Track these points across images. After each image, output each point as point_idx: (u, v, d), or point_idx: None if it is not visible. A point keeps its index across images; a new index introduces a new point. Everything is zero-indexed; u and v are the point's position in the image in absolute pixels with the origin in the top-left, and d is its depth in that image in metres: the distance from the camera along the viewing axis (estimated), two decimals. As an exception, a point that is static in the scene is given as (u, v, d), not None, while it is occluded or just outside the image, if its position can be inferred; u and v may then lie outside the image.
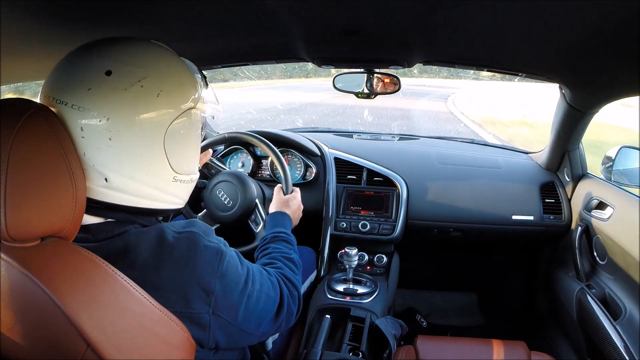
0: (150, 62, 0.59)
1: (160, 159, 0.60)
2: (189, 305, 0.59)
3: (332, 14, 0.78)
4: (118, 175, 0.58)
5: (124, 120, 0.56)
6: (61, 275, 0.48)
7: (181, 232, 0.61)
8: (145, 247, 0.58)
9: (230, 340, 0.66)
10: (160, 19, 0.80)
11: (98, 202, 0.58)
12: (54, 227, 0.50)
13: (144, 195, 0.61)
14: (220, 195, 1.18)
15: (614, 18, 0.65)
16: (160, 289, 0.57)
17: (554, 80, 1.14)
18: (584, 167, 1.39)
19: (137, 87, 0.56)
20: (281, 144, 1.48)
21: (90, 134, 0.55)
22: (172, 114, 0.60)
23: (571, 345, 1.37)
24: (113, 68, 0.56)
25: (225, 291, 0.63)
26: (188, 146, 0.65)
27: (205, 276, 0.60)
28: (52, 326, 0.46)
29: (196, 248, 0.61)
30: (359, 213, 1.46)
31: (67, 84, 0.56)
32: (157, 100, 0.58)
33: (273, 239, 0.92)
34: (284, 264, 0.84)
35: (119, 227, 0.60)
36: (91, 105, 0.54)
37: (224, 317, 0.63)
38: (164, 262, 0.58)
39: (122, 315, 0.50)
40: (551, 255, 1.56)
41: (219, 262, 0.62)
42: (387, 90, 1.28)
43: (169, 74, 0.60)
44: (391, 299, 1.45)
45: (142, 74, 0.57)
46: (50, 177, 0.50)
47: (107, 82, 0.55)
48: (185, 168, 0.65)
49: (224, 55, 1.24)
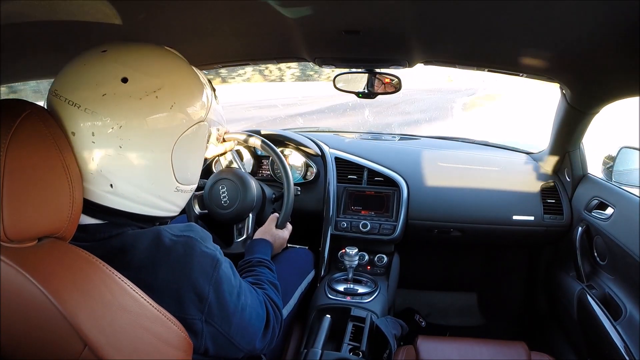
0: (166, 72, 0.59)
1: (166, 169, 0.61)
2: (182, 310, 0.59)
3: (332, 14, 0.78)
4: (124, 183, 0.58)
5: (136, 128, 0.56)
6: (58, 276, 0.48)
7: (179, 236, 0.62)
8: (142, 248, 0.59)
9: (219, 351, 0.67)
10: (160, 20, 0.80)
11: (100, 206, 0.59)
12: (51, 228, 0.50)
13: (146, 203, 0.61)
14: (221, 191, 1.18)
15: (614, 18, 0.65)
16: (155, 290, 0.57)
17: (555, 80, 1.14)
18: (585, 168, 1.39)
19: (152, 97, 0.56)
20: (282, 144, 1.48)
21: (101, 139, 0.55)
22: (183, 126, 0.61)
23: (571, 345, 1.37)
24: (129, 76, 0.56)
25: (219, 299, 0.63)
26: (194, 158, 0.66)
27: (200, 281, 0.61)
28: (50, 326, 0.46)
29: (193, 253, 0.61)
30: (359, 213, 1.46)
31: (81, 86, 0.56)
32: (171, 111, 0.58)
33: (258, 263, 0.94)
34: (269, 287, 0.85)
35: (116, 229, 0.60)
36: (105, 111, 0.55)
37: (217, 327, 0.64)
38: (160, 264, 0.59)
39: (119, 314, 0.50)
40: (551, 256, 1.56)
41: (214, 270, 0.62)
42: (388, 90, 1.28)
43: (182, 86, 0.61)
44: (391, 298, 1.46)
45: (158, 84, 0.57)
46: (47, 178, 0.50)
47: (123, 89, 0.55)
48: (188, 179, 0.66)
49: (224, 55, 1.24)
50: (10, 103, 0.50)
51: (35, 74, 1.04)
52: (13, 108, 0.49)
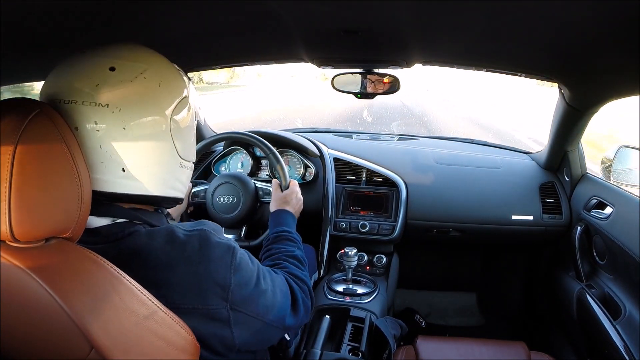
0: (147, 58, 0.64)
1: (168, 144, 0.64)
2: (205, 302, 0.60)
3: (331, 15, 0.78)
4: (135, 163, 0.61)
5: (135, 108, 0.59)
6: (65, 277, 0.47)
7: (192, 231, 0.63)
8: (156, 246, 0.59)
9: (258, 337, 0.68)
10: (160, 20, 0.80)
11: (114, 195, 0.60)
12: (59, 228, 0.49)
13: (157, 182, 0.64)
14: (220, 200, 1.19)
15: (613, 18, 0.65)
16: (174, 287, 0.58)
17: (553, 80, 1.14)
18: (583, 167, 1.39)
19: (141, 79, 0.60)
20: (280, 144, 1.48)
21: (105, 126, 0.58)
22: (172, 100, 0.65)
23: (571, 345, 1.37)
24: (115, 64, 0.59)
25: (240, 284, 0.64)
26: (188, 132, 0.70)
27: (220, 271, 0.62)
28: (56, 328, 0.46)
29: (208, 245, 0.62)
30: (358, 213, 1.46)
31: (74, 84, 0.58)
32: (160, 89, 0.63)
33: (275, 239, 0.92)
34: (289, 263, 0.85)
35: (128, 228, 0.61)
36: (102, 99, 0.57)
37: (245, 311, 0.64)
38: (177, 260, 0.59)
39: (127, 317, 0.50)
40: (551, 255, 1.56)
41: (232, 257, 0.64)
42: (387, 90, 1.28)
43: (164, 67, 0.66)
44: (391, 299, 1.46)
45: (143, 67, 0.61)
46: (56, 178, 0.49)
47: (113, 76, 0.59)
48: (187, 154, 0.69)
49: (223, 55, 1.24)
50: (19, 102, 0.50)
51: (36, 74, 1.03)
52: (22, 107, 0.49)
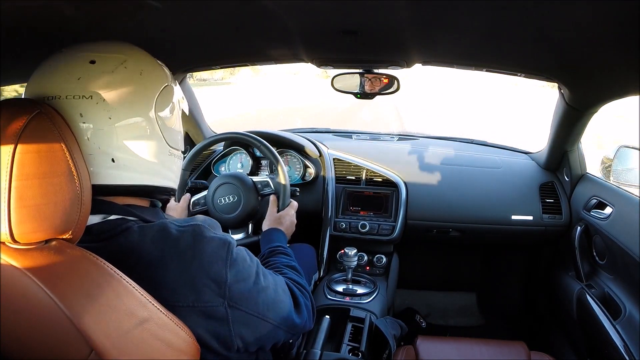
0: (125, 49, 0.64)
1: (155, 132, 0.64)
2: (200, 298, 0.58)
3: (330, 15, 0.78)
4: (124, 152, 0.60)
5: (118, 98, 0.60)
6: (65, 278, 0.47)
7: (185, 226, 0.62)
8: (149, 242, 0.58)
9: (258, 335, 0.66)
10: (160, 20, 0.80)
11: (105, 187, 0.59)
12: (59, 229, 0.49)
13: (147, 171, 0.64)
14: (221, 201, 1.15)
15: (613, 18, 0.65)
16: (168, 284, 0.57)
17: (553, 80, 1.14)
18: (583, 167, 1.39)
19: (122, 69, 0.61)
20: (280, 145, 1.48)
21: (90, 117, 0.58)
22: (156, 88, 0.65)
23: (571, 345, 1.37)
24: (95, 58, 0.60)
25: (238, 280, 0.62)
26: (174, 119, 0.70)
27: (214, 266, 0.60)
28: (55, 329, 0.46)
29: (202, 239, 0.61)
30: (358, 213, 1.46)
31: (56, 80, 0.58)
32: (141, 77, 0.63)
33: (270, 253, 0.91)
34: (289, 270, 0.84)
35: (120, 225, 0.60)
36: (85, 91, 0.58)
37: (243, 308, 0.63)
38: (170, 257, 0.58)
39: (126, 319, 0.50)
40: (551, 255, 1.56)
41: (227, 252, 0.62)
42: (387, 90, 1.28)
43: (144, 58, 0.66)
44: (391, 299, 1.45)
45: (123, 58, 0.62)
46: (56, 179, 0.49)
47: (94, 69, 0.59)
48: (175, 141, 0.69)
49: (223, 56, 1.24)
50: (20, 102, 0.50)
51: None
52: (22, 107, 0.49)
